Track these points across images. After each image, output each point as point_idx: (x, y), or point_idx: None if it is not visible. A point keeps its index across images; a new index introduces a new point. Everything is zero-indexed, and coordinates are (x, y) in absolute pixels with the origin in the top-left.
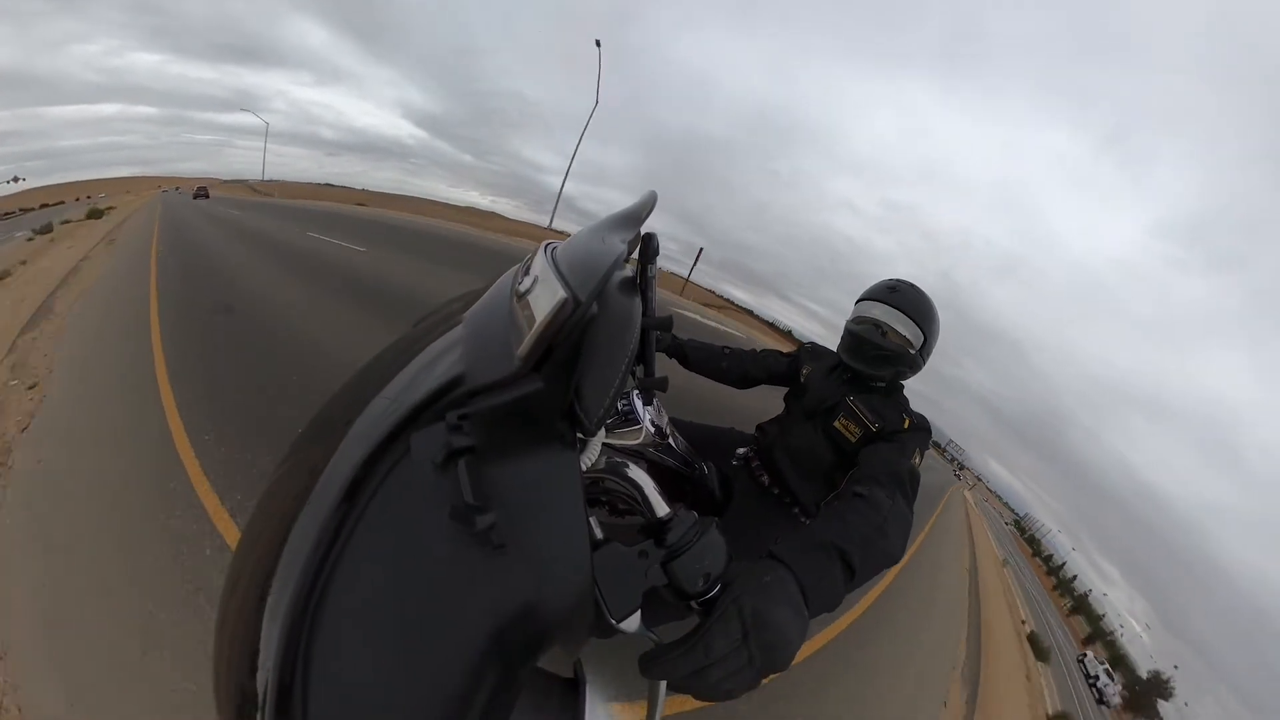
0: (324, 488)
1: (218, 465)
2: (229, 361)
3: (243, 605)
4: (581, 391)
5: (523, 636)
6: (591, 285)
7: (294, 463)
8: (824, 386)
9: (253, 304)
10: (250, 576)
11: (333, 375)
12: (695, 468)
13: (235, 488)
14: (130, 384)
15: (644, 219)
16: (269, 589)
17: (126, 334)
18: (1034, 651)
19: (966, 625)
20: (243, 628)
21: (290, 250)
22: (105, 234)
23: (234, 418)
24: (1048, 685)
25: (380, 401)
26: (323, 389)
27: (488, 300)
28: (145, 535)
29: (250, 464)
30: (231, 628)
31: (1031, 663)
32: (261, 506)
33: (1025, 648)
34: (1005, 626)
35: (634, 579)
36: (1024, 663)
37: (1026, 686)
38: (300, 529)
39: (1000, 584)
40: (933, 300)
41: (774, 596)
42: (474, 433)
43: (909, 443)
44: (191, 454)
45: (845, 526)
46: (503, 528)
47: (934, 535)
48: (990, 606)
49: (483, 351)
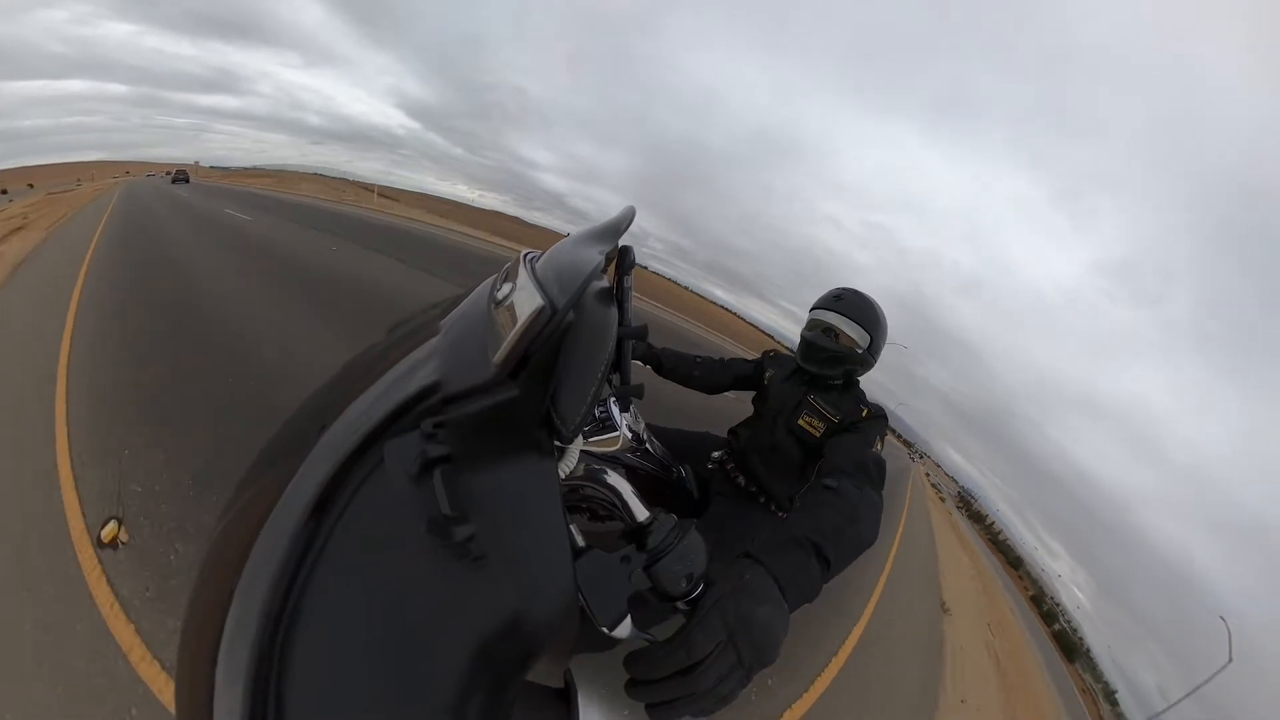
0: (291, 501)
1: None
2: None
3: (204, 628)
4: (559, 399)
5: (509, 650)
6: (569, 294)
7: (259, 474)
8: (786, 389)
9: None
10: (213, 599)
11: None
12: (673, 471)
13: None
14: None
15: (622, 232)
16: (239, 612)
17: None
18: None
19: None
20: (205, 655)
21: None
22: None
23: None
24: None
25: (352, 409)
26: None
27: (465, 307)
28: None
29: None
30: (193, 655)
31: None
32: (224, 523)
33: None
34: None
35: (618, 584)
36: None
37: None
38: (264, 547)
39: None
40: (878, 304)
41: (754, 594)
42: (450, 441)
43: (870, 431)
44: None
45: (817, 520)
46: (482, 538)
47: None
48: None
49: (459, 358)
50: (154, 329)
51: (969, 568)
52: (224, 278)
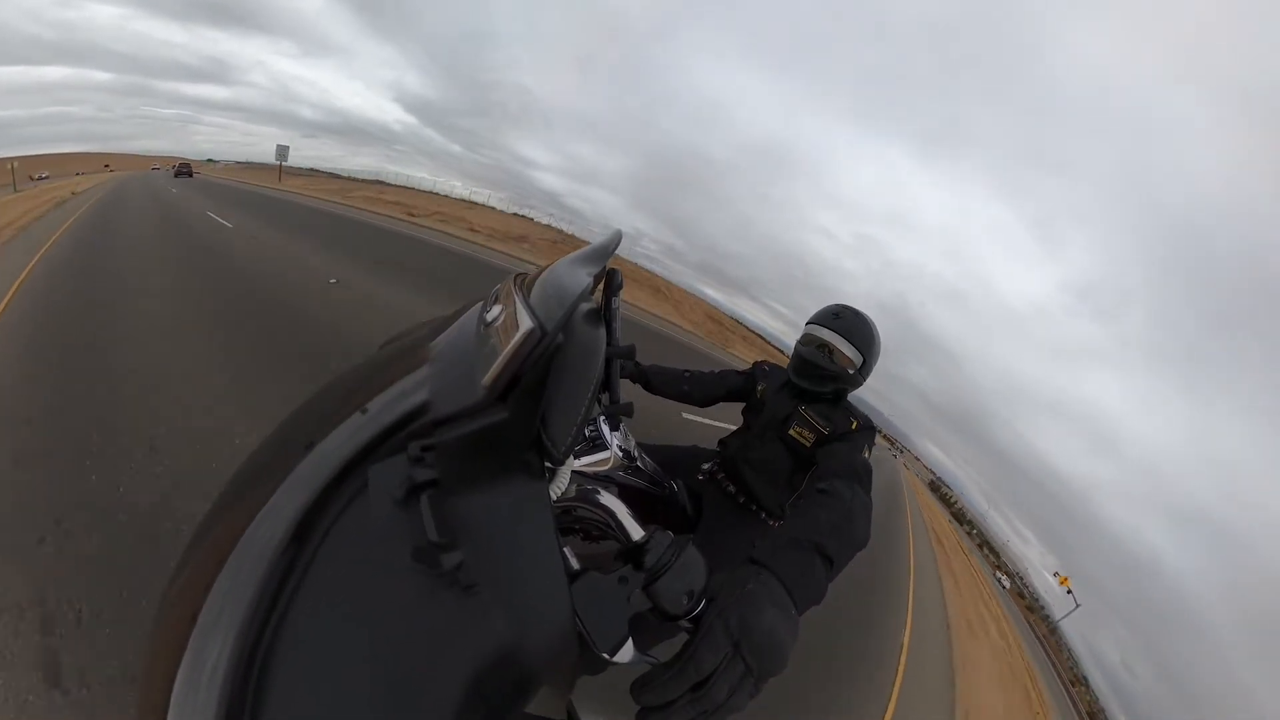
0: (269, 528)
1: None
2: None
3: (167, 664)
4: (549, 420)
5: (505, 682)
6: (558, 316)
7: (236, 497)
8: (778, 400)
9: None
10: (177, 630)
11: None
12: (665, 486)
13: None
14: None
15: (610, 255)
16: (200, 644)
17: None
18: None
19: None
20: (159, 697)
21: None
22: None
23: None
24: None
25: (337, 432)
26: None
27: (454, 330)
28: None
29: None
30: (153, 694)
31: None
32: (192, 549)
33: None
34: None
35: (617, 607)
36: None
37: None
38: (238, 575)
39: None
40: (874, 324)
41: (757, 601)
42: (437, 465)
43: (859, 440)
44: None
45: (816, 521)
46: (471, 566)
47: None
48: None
49: (447, 380)
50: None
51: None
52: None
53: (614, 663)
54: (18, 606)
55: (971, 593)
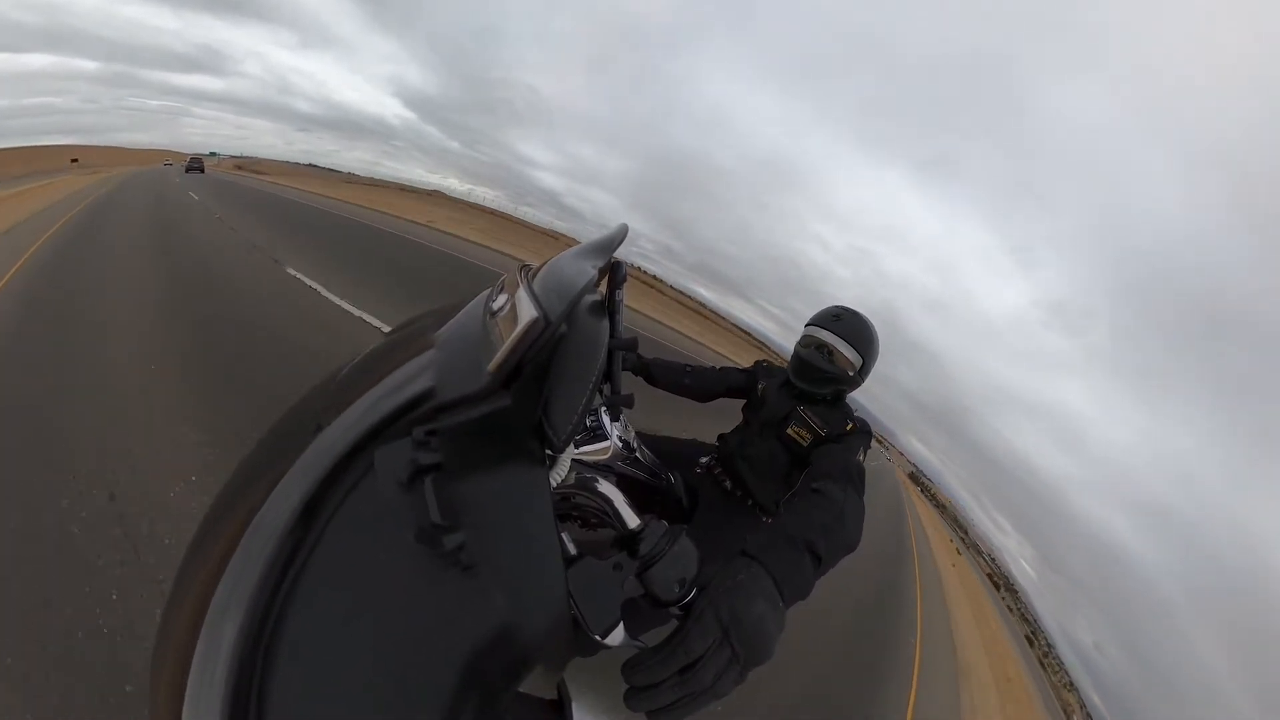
0: (278, 507)
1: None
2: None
3: (180, 644)
4: (551, 409)
5: (501, 661)
6: (562, 307)
7: (248, 478)
8: (777, 400)
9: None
10: (193, 607)
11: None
12: (662, 478)
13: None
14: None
15: (615, 248)
16: (215, 620)
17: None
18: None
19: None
20: (178, 671)
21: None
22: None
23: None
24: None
25: (344, 416)
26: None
27: (460, 318)
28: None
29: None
30: (165, 672)
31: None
32: (207, 529)
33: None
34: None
35: (611, 592)
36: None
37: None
38: (249, 553)
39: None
40: (874, 326)
41: (748, 592)
42: (441, 449)
43: (854, 442)
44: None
45: (808, 519)
46: (472, 548)
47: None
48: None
49: (452, 367)
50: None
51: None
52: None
53: (605, 645)
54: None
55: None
